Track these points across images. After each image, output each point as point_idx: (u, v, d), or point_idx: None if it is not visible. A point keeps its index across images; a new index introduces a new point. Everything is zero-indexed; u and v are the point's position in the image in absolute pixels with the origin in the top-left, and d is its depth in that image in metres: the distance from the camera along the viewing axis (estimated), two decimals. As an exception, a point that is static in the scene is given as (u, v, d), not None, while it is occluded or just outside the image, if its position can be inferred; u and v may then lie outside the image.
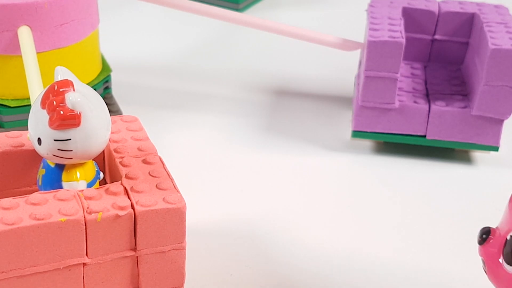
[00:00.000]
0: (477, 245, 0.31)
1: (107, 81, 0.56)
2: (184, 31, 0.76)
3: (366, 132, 0.54)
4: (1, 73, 0.50)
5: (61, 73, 0.36)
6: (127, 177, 0.37)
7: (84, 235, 0.34)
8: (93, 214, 0.34)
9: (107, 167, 0.41)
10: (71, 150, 0.35)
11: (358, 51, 0.59)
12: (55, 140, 0.35)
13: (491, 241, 0.31)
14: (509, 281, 0.30)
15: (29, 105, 0.39)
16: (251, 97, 0.63)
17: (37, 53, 0.48)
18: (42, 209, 0.34)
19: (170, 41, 0.74)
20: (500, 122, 0.52)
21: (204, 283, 0.41)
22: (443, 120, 0.53)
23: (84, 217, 0.34)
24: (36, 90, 0.43)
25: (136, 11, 0.80)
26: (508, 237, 0.30)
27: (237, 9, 0.80)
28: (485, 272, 0.31)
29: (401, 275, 0.43)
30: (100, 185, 0.37)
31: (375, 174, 0.53)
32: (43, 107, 0.35)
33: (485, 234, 0.31)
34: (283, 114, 0.60)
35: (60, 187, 0.36)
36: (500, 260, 0.30)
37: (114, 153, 0.39)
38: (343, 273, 0.43)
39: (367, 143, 0.56)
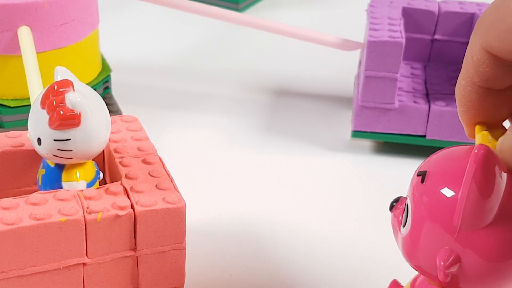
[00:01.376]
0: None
1: (107, 81, 0.56)
2: (184, 31, 0.76)
3: (366, 132, 0.54)
4: (1, 73, 0.50)
5: (61, 73, 0.36)
6: (127, 177, 0.37)
7: (84, 235, 0.34)
8: (93, 214, 0.34)
9: (107, 167, 0.41)
10: (71, 150, 0.35)
11: (358, 51, 0.59)
12: (55, 140, 0.35)
13: (398, 209, 0.33)
14: (403, 243, 0.32)
15: (29, 105, 0.39)
16: (251, 97, 0.63)
17: (37, 53, 0.48)
18: (42, 209, 0.34)
19: (170, 41, 0.74)
20: (500, 122, 0.52)
21: (204, 283, 0.41)
22: (443, 120, 0.53)
23: (84, 217, 0.34)
24: (36, 90, 0.43)
25: (136, 11, 0.80)
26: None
27: (237, 9, 0.80)
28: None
29: (403, 275, 0.43)
30: (100, 185, 0.37)
31: (375, 174, 0.53)
32: (43, 107, 0.35)
33: (395, 202, 0.34)
34: (283, 114, 0.60)
35: (60, 187, 0.36)
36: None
37: (114, 153, 0.39)
38: (343, 273, 0.43)
39: (367, 143, 0.56)
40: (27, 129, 0.36)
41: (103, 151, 0.41)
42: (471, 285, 0.30)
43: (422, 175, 0.31)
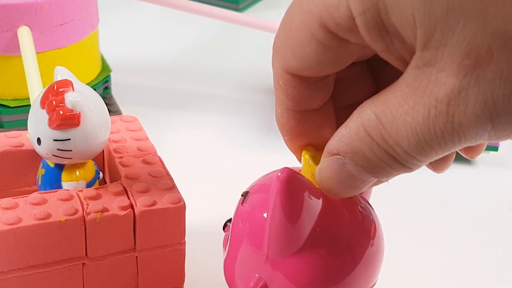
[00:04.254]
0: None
1: (107, 81, 0.56)
2: (184, 31, 0.76)
3: (366, 132, 0.54)
4: (1, 73, 0.50)
5: (61, 73, 0.36)
6: (126, 177, 0.37)
7: (84, 235, 0.34)
8: (92, 214, 0.34)
9: (106, 167, 0.41)
10: (71, 150, 0.35)
11: (358, 51, 0.59)
12: (54, 140, 0.35)
13: (228, 228, 0.32)
14: (226, 263, 0.31)
15: (29, 105, 0.39)
16: (251, 97, 0.63)
17: (37, 53, 0.48)
18: (42, 209, 0.34)
19: (170, 41, 0.74)
20: (500, 122, 0.52)
21: (204, 283, 0.41)
22: (443, 120, 0.52)
23: (84, 217, 0.34)
24: (36, 90, 0.43)
25: (136, 11, 0.80)
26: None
27: (237, 9, 0.80)
28: None
29: (401, 276, 0.43)
30: (99, 185, 0.37)
31: (375, 174, 0.53)
32: (43, 107, 0.35)
33: (228, 222, 0.32)
34: (283, 114, 0.60)
35: (60, 187, 0.36)
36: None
37: (113, 153, 0.39)
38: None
39: (367, 143, 0.56)
40: (27, 129, 0.36)
41: (103, 151, 0.41)
42: None
43: (244, 195, 0.29)
